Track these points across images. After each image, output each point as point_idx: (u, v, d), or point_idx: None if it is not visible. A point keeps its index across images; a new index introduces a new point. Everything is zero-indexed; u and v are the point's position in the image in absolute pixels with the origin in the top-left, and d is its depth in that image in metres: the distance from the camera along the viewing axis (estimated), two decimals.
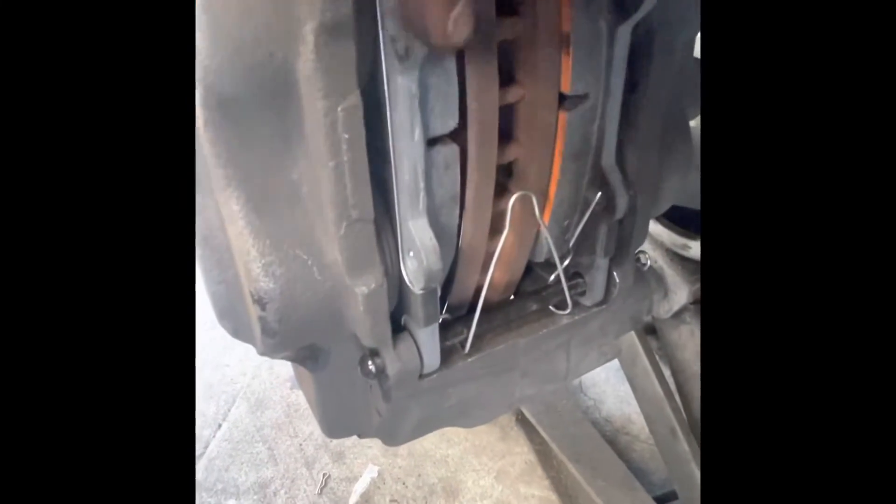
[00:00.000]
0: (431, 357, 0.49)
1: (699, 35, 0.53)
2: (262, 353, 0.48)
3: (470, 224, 0.48)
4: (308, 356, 0.51)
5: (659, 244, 1.14)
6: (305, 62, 0.35)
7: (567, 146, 0.47)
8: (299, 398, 1.47)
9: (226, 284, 0.45)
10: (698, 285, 1.12)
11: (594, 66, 0.45)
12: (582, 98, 0.46)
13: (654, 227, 1.11)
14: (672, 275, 1.12)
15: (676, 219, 1.11)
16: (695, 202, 1.09)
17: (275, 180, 0.40)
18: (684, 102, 0.55)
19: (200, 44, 0.33)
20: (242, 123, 0.37)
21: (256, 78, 0.35)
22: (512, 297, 0.58)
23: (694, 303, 1.14)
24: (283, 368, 1.52)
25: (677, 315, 1.15)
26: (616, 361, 1.21)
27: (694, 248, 1.11)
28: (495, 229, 0.50)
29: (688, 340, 1.13)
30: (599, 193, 0.50)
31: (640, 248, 0.57)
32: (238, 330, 0.47)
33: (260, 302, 0.42)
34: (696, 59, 0.55)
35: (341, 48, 0.34)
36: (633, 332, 1.17)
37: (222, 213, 0.41)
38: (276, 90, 0.36)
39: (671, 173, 0.55)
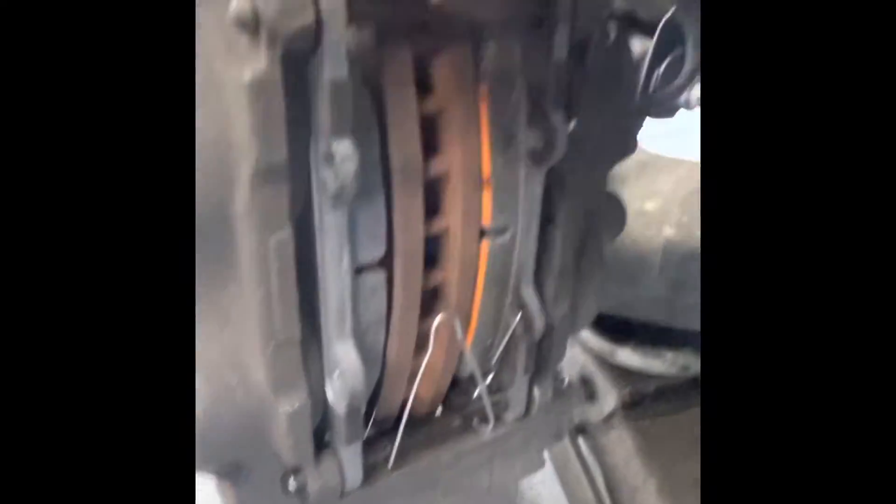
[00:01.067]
0: (353, 474, 0.50)
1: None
2: None
3: (395, 344, 0.50)
4: (231, 472, 0.51)
5: (589, 350, 1.19)
6: (240, 201, 0.37)
7: (488, 273, 0.51)
8: None
9: None
10: (627, 390, 1.16)
11: (512, 203, 0.49)
12: (501, 231, 0.50)
13: (584, 335, 1.16)
14: (602, 380, 1.17)
15: (605, 327, 1.17)
16: (622, 311, 1.15)
17: (206, 306, 0.42)
18: (600, 230, 0.60)
19: None
20: None
21: (196, 217, 0.37)
22: (440, 409, 0.60)
23: (623, 408, 1.18)
24: None
25: (607, 419, 1.18)
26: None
27: (621, 355, 1.16)
28: (420, 347, 0.52)
29: (616, 445, 1.16)
30: (519, 315, 0.54)
31: (559, 365, 0.60)
32: None
33: None
34: (609, 193, 0.61)
35: (274, 189, 0.37)
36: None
37: None
38: (211, 225, 0.38)
39: (585, 297, 0.59)
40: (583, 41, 0.45)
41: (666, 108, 1.12)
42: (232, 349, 0.43)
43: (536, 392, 0.58)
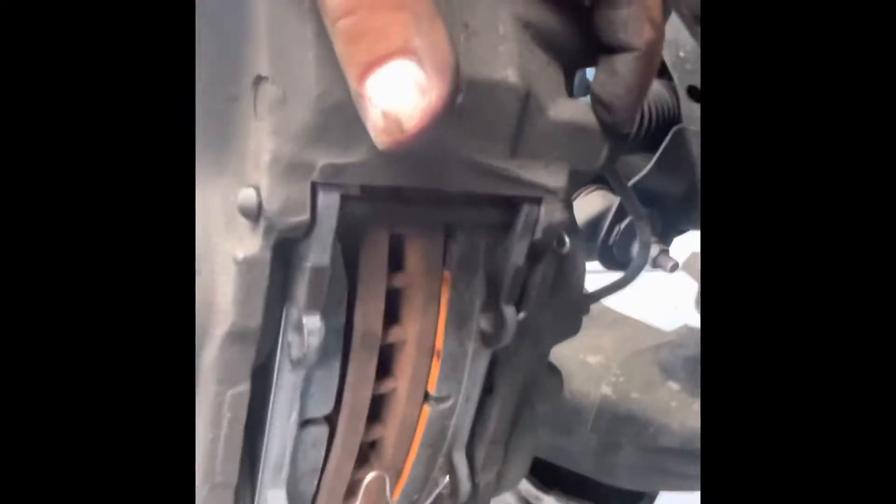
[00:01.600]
0: None
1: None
2: None
3: (326, 493, 0.52)
4: None
5: (515, 492, 1.20)
6: (208, 356, 0.41)
7: (425, 435, 0.54)
8: None
9: None
10: None
11: (457, 375, 0.53)
12: (444, 399, 0.54)
13: None
14: None
15: (534, 470, 1.19)
16: (552, 457, 1.18)
17: None
18: (535, 402, 0.65)
19: None
20: None
21: None
22: None
23: None
24: None
25: None
26: None
27: (545, 501, 1.18)
28: (350, 495, 0.54)
29: None
30: (447, 477, 0.57)
31: None
32: None
33: None
34: (550, 364, 0.66)
35: (242, 350, 0.41)
36: None
37: None
38: None
39: (513, 465, 0.62)
40: (539, 247, 0.51)
41: (626, 265, 1.20)
42: None
43: None
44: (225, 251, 0.39)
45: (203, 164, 0.41)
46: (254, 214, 0.37)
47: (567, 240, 0.52)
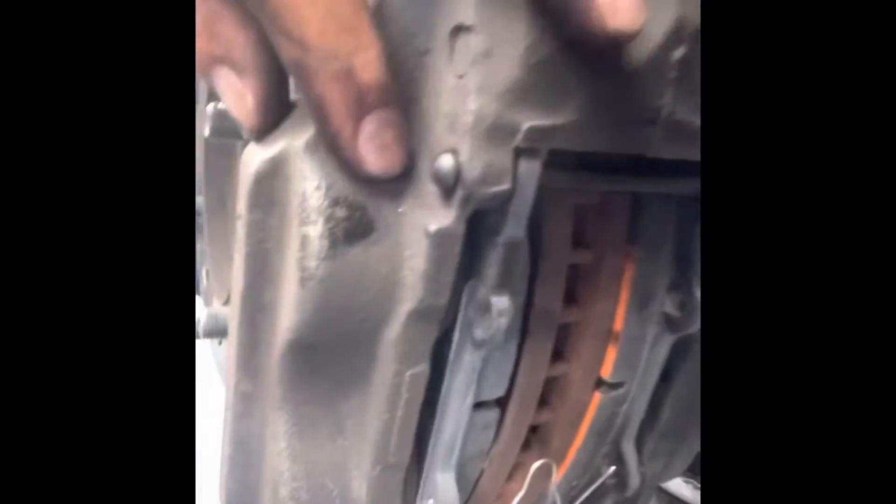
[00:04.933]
0: None
1: None
2: None
3: (490, 475, 0.49)
4: None
5: None
6: (392, 332, 0.38)
7: (594, 422, 0.50)
8: None
9: (243, 486, 0.46)
10: None
11: (634, 361, 0.48)
12: (617, 385, 0.49)
13: None
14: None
15: None
16: None
17: (325, 411, 0.42)
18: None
19: (306, 305, 0.36)
20: (315, 361, 0.40)
21: (343, 336, 0.38)
22: None
23: None
24: None
25: None
26: None
27: (673, 482, 1.12)
28: (510, 478, 0.51)
29: None
30: (613, 468, 0.53)
31: None
32: None
33: None
34: None
35: (425, 328, 0.38)
36: None
37: (267, 428, 0.42)
38: (357, 346, 0.39)
39: (680, 456, 0.57)
40: None
41: None
42: (339, 459, 0.44)
43: None
44: (413, 222, 0.36)
45: None
46: (450, 182, 0.34)
47: None
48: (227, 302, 0.61)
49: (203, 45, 0.32)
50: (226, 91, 0.34)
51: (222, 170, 0.63)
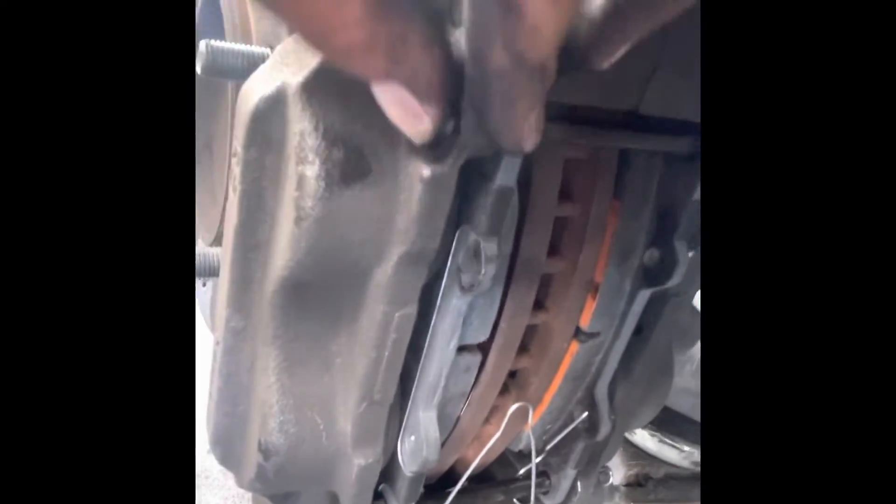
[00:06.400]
0: None
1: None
2: (242, 488, 0.49)
3: (468, 416, 0.51)
4: (282, 498, 0.53)
5: None
6: (383, 274, 0.39)
7: (570, 370, 0.52)
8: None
9: (232, 419, 0.47)
10: (635, 471, 1.17)
11: (612, 312, 0.50)
12: (594, 335, 0.51)
13: None
14: None
15: None
16: None
17: (315, 348, 0.44)
18: (675, 345, 0.62)
19: (300, 244, 0.37)
20: (306, 299, 0.41)
21: (336, 274, 0.39)
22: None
23: (627, 485, 1.19)
24: None
25: (609, 492, 1.19)
26: None
27: (638, 435, 1.17)
28: (487, 421, 0.54)
29: None
30: (586, 414, 0.55)
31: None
32: (227, 459, 0.49)
33: (265, 453, 0.44)
34: (693, 307, 0.62)
35: (415, 272, 0.39)
36: None
37: (257, 362, 0.44)
38: (348, 286, 0.40)
39: (648, 406, 0.60)
40: None
41: None
42: (327, 395, 0.45)
43: (579, 485, 0.59)
44: (410, 168, 0.37)
45: None
46: (449, 130, 0.34)
47: None
48: (212, 243, 0.61)
49: (382, 64, 0.30)
50: (397, 106, 0.31)
51: (209, 110, 0.62)
